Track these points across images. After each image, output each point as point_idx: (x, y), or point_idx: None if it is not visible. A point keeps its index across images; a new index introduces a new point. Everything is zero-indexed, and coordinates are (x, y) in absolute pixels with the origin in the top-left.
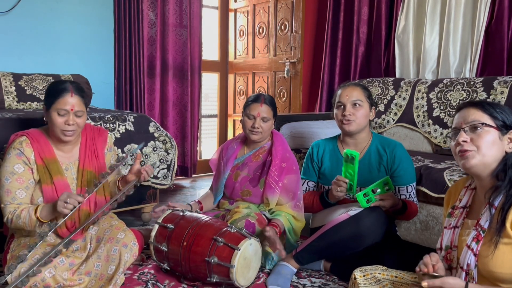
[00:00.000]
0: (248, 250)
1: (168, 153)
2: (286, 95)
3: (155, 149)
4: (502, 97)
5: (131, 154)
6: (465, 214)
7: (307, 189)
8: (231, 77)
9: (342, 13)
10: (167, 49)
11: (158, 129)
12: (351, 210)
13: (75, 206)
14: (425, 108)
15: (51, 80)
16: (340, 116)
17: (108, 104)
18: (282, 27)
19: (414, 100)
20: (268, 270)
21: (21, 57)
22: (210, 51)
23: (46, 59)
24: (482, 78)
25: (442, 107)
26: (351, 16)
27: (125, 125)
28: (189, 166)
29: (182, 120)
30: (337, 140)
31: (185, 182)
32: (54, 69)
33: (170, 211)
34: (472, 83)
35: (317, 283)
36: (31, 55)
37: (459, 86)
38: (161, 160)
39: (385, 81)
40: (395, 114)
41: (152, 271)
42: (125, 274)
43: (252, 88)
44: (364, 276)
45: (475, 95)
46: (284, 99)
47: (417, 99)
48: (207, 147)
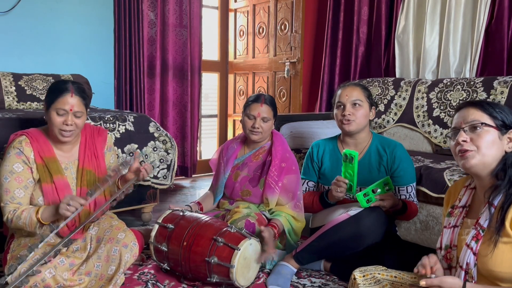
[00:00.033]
0: (248, 250)
1: (168, 153)
2: (286, 95)
3: (155, 149)
4: (502, 97)
5: (130, 154)
6: (465, 213)
7: (307, 189)
8: (231, 77)
9: (342, 13)
10: (167, 49)
11: (158, 129)
12: (351, 210)
13: (77, 209)
14: (425, 108)
15: (51, 80)
16: (340, 116)
17: (108, 104)
18: (282, 27)
19: (414, 100)
20: (268, 270)
21: (21, 57)
22: (210, 51)
23: (46, 59)
24: (482, 78)
25: (442, 107)
26: (351, 16)
27: (125, 125)
28: (189, 166)
29: (182, 120)
30: (337, 140)
31: (185, 182)
32: (54, 69)
33: (170, 211)
34: (472, 83)
35: (317, 283)
36: (31, 55)
37: (459, 86)
38: (161, 160)
39: (385, 81)
40: (395, 114)
41: (152, 271)
42: (125, 274)
43: (252, 88)
44: (363, 276)
45: (475, 95)
46: (284, 99)
47: (417, 99)
48: (207, 147)
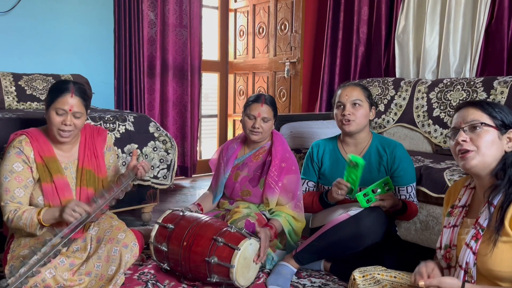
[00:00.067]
0: (248, 250)
1: (168, 153)
2: (286, 95)
3: (155, 149)
4: (502, 97)
5: (130, 154)
6: (464, 213)
7: (307, 189)
8: (231, 77)
9: (342, 13)
10: (167, 49)
11: (158, 129)
12: (351, 210)
13: (81, 215)
14: (425, 108)
15: (51, 80)
16: (340, 116)
17: (108, 104)
18: (282, 27)
19: (414, 100)
20: (268, 270)
21: (21, 57)
22: (210, 51)
23: (46, 59)
24: (482, 78)
25: (442, 107)
26: (351, 16)
27: (125, 125)
28: (189, 166)
29: (182, 120)
30: (337, 140)
31: (185, 182)
32: (54, 69)
33: (170, 211)
34: (472, 83)
35: (317, 283)
36: (31, 55)
37: (459, 86)
38: (161, 160)
39: (385, 81)
40: (395, 114)
41: (152, 271)
42: (125, 274)
43: (252, 88)
44: (363, 277)
45: (475, 95)
46: (284, 99)
47: (417, 99)
48: (207, 147)
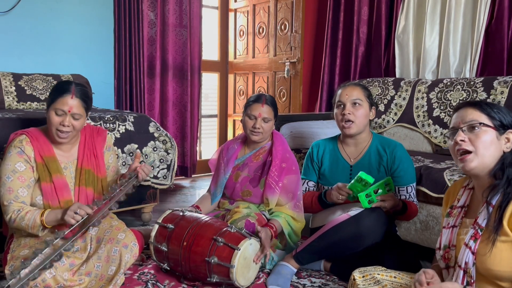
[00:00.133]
0: (248, 250)
1: (168, 153)
2: (286, 95)
3: (155, 149)
4: (502, 97)
5: (130, 154)
6: (463, 213)
7: (307, 189)
8: (231, 77)
9: (342, 13)
10: (167, 49)
11: (158, 129)
12: (351, 210)
13: (82, 217)
14: (425, 108)
15: (51, 80)
16: (340, 115)
17: (108, 104)
18: (282, 27)
19: (414, 100)
20: (268, 270)
21: (21, 57)
22: (210, 51)
23: (46, 59)
24: (482, 78)
25: (442, 107)
26: (351, 16)
27: (125, 125)
28: (189, 166)
29: (182, 120)
30: (337, 140)
31: (185, 182)
32: (54, 69)
33: (170, 211)
34: (472, 83)
35: (317, 283)
36: (31, 55)
37: (459, 86)
38: (161, 160)
39: (385, 81)
40: (395, 114)
41: (152, 271)
42: (125, 274)
43: (252, 88)
44: (363, 277)
45: (475, 95)
46: (284, 99)
47: (417, 99)
48: (207, 147)
